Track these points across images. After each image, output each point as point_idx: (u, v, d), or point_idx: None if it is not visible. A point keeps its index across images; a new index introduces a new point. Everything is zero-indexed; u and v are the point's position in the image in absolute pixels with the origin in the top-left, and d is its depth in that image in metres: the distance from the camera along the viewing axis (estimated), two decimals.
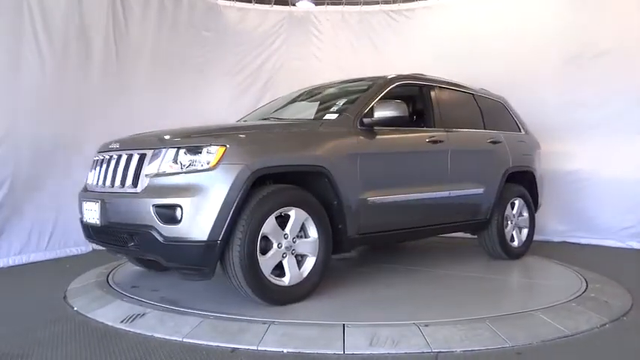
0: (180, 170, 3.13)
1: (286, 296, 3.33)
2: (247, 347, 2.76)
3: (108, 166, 3.53)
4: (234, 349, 2.75)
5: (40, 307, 3.61)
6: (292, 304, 3.34)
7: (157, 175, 3.17)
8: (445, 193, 4.34)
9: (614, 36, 6.19)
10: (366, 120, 3.83)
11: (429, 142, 4.28)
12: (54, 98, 5.44)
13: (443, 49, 7.09)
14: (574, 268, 4.59)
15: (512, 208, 5.08)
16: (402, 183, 4.04)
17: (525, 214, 5.22)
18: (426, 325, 2.94)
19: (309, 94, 4.85)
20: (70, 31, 5.62)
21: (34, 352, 2.74)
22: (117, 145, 3.55)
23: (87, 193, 3.70)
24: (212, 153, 3.10)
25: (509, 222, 5.02)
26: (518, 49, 6.72)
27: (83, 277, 4.30)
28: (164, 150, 3.19)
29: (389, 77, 4.34)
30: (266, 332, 2.88)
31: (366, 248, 5.69)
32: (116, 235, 3.40)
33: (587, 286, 3.94)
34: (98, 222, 3.42)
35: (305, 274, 3.41)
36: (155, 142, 3.31)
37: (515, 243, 5.10)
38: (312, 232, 3.44)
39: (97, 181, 3.62)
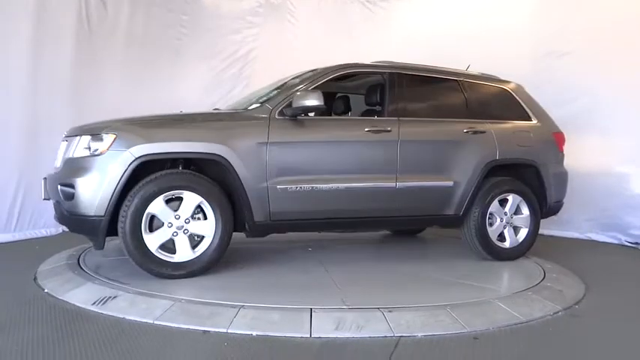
0: (87, 155, 3.58)
1: (175, 271, 3.60)
2: (217, 330, 2.85)
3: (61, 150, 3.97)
4: (205, 332, 2.84)
5: (10, 289, 3.61)
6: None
7: (70, 158, 3.67)
8: (390, 184, 4.20)
9: (582, 36, 6.37)
10: (286, 110, 3.94)
11: (369, 131, 4.18)
12: (24, 79, 5.37)
13: (417, 41, 7.18)
14: (534, 259, 4.77)
15: (505, 205, 4.64)
16: (325, 172, 4.01)
17: (525, 212, 4.69)
18: (390, 311, 3.07)
19: (284, 84, 4.85)
20: (41, 10, 5.52)
21: (5, 333, 2.77)
22: (66, 133, 3.98)
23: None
24: (104, 140, 3.52)
25: (497, 219, 4.60)
26: (490, 43, 6.83)
27: (53, 258, 4.30)
28: (78, 137, 3.66)
29: (327, 66, 4.34)
30: (236, 316, 2.97)
31: (379, 236, 5.79)
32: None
33: (544, 275, 4.13)
34: (43, 196, 3.99)
35: (199, 253, 3.66)
36: (77, 130, 3.78)
37: (507, 243, 4.63)
38: (209, 214, 3.67)
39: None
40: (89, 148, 3.57)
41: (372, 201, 4.21)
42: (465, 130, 4.56)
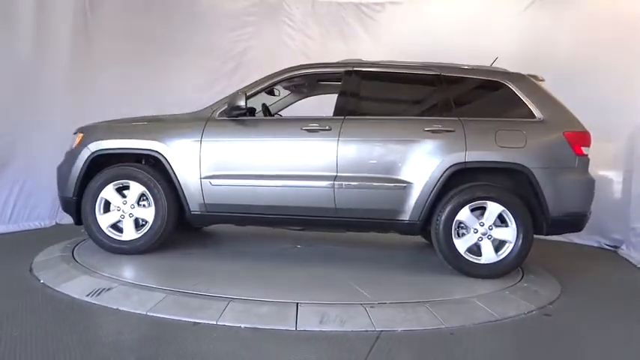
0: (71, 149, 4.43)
1: (123, 248, 4.26)
2: (207, 322, 3.00)
3: None
4: (195, 323, 2.98)
5: (6, 279, 3.74)
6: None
7: (66, 152, 4.50)
8: (326, 184, 4.07)
9: (570, 43, 6.52)
10: (225, 111, 4.25)
11: (304, 130, 4.14)
12: (23, 76, 5.48)
13: (408, 45, 7.30)
14: None
15: (483, 214, 4.04)
16: (258, 169, 4.18)
17: (512, 224, 4.03)
18: (372, 307, 3.23)
19: None
20: (40, 9, 5.61)
21: (3, 322, 2.89)
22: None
23: None
24: (77, 138, 4.39)
25: (470, 230, 4.04)
26: (477, 49, 6.97)
27: (48, 250, 4.40)
28: (75, 135, 4.47)
29: (282, 69, 4.51)
30: (225, 308, 3.12)
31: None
32: None
33: (522, 276, 4.27)
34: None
35: (140, 235, 4.25)
36: (76, 130, 4.52)
37: (482, 259, 4.03)
38: (151, 202, 4.25)
39: None
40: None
41: (308, 200, 4.16)
42: (425, 129, 4.12)
